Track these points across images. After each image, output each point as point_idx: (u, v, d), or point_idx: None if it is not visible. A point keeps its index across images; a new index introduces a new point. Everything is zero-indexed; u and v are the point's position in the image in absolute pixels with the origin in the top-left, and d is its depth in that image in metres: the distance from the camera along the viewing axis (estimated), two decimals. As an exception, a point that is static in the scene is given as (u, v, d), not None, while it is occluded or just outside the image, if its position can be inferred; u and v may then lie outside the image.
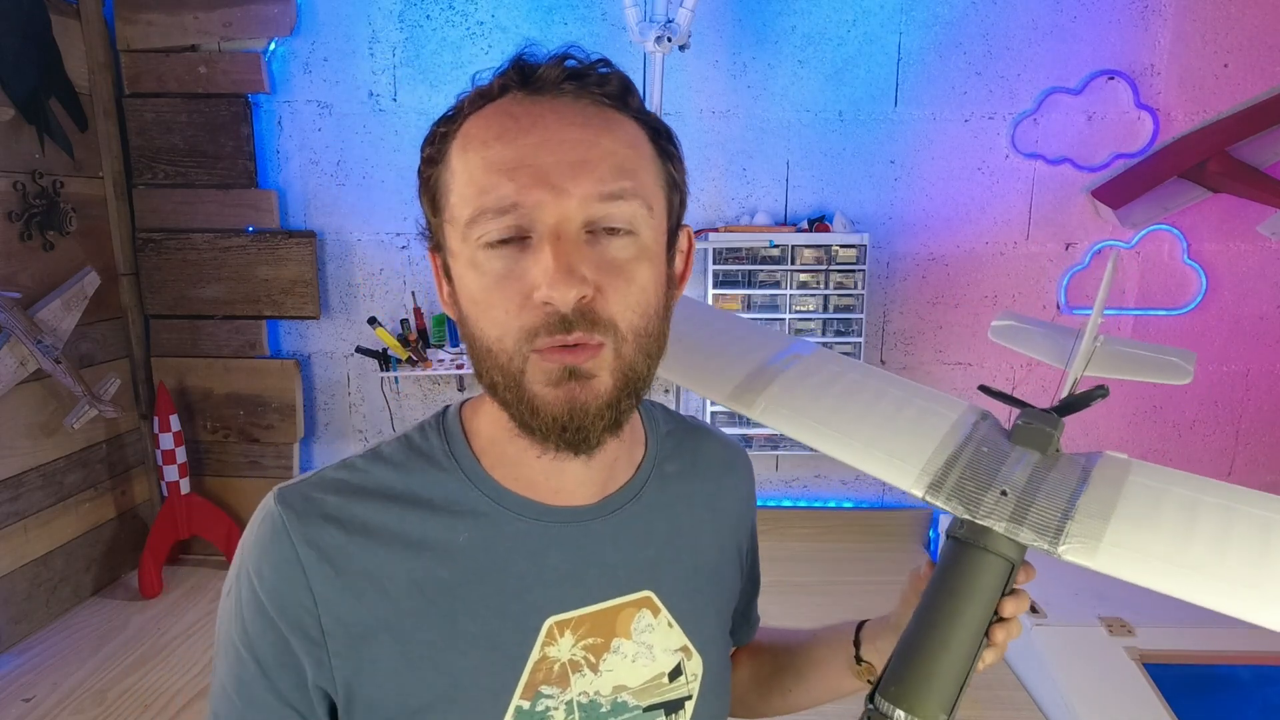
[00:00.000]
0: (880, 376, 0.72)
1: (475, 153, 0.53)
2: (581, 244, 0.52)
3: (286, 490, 0.59)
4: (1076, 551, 0.55)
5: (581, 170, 0.52)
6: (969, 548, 0.59)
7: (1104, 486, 0.59)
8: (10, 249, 1.78)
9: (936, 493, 0.60)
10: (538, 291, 0.51)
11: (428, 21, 2.11)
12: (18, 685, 1.61)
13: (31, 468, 1.84)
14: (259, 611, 0.56)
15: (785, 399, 0.67)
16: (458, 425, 0.63)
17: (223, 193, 2.13)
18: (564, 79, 0.54)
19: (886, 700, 0.58)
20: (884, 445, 0.63)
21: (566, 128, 0.53)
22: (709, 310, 0.84)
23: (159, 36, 2.06)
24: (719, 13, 2.10)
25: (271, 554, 0.57)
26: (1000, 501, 0.58)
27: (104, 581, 2.05)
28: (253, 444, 2.22)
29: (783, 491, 2.34)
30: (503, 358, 0.53)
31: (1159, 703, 1.39)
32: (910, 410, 0.67)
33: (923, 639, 0.59)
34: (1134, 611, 1.63)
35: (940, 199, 2.18)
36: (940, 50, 2.10)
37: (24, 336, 1.73)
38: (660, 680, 0.63)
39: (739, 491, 0.75)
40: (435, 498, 0.59)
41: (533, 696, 0.58)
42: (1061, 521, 0.56)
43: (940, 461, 0.61)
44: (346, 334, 2.26)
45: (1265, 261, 2.17)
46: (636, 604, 0.63)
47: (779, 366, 0.70)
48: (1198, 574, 0.52)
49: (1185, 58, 2.08)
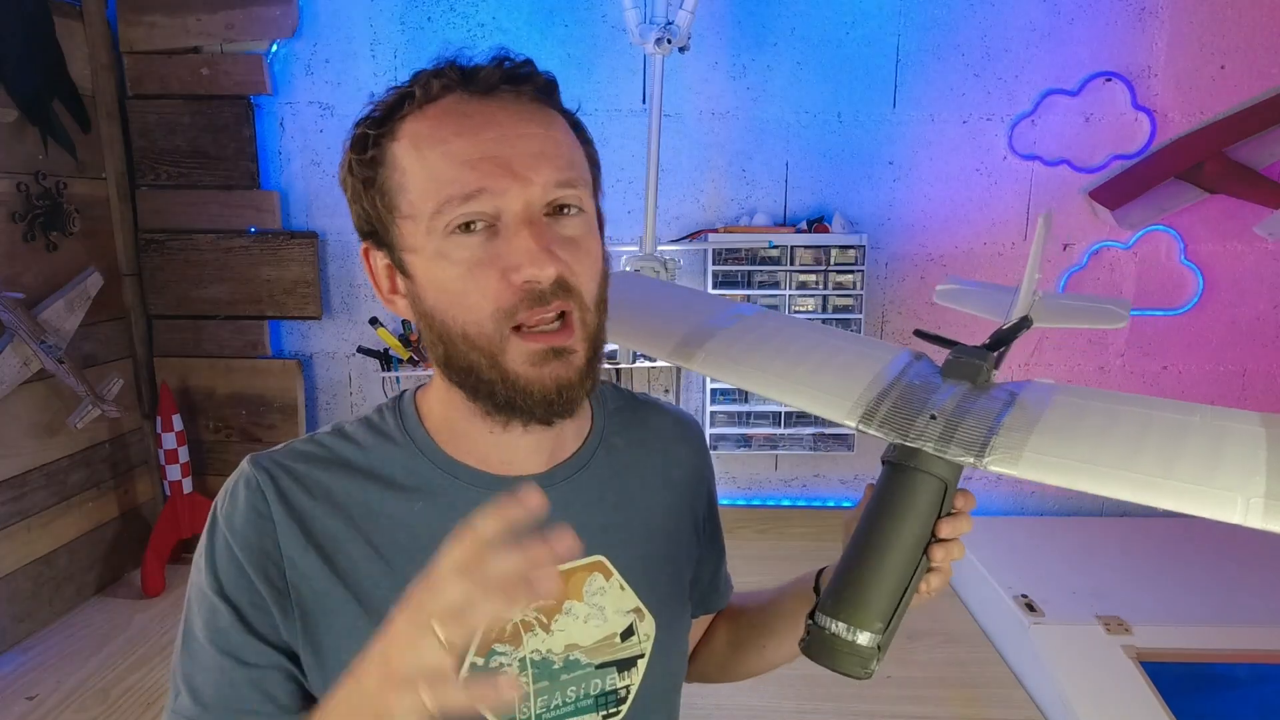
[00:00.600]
0: (820, 329, 0.75)
1: (432, 149, 0.57)
2: (548, 225, 0.58)
3: (259, 456, 0.64)
4: (999, 462, 0.57)
5: (541, 160, 0.57)
6: (900, 468, 0.62)
7: (1029, 406, 0.62)
8: (14, 250, 1.78)
9: (869, 422, 0.62)
10: (517, 272, 0.55)
11: (429, 24, 2.11)
12: (21, 683, 1.61)
13: (34, 467, 1.84)
14: (232, 560, 0.60)
15: (724, 350, 0.70)
16: (412, 407, 0.68)
17: (225, 194, 2.14)
18: (504, 80, 0.59)
19: (825, 614, 0.60)
20: (818, 384, 0.66)
21: (520, 123, 0.58)
22: (657, 283, 0.89)
23: (162, 38, 2.06)
24: (719, 15, 2.10)
25: (244, 509, 0.61)
26: (929, 425, 0.61)
27: (107, 580, 2.05)
28: (255, 444, 2.22)
29: (782, 491, 2.35)
30: (481, 340, 0.57)
31: (1156, 701, 1.39)
32: (845, 355, 0.70)
33: (857, 555, 0.61)
34: (1131, 610, 1.63)
35: (938, 200, 2.18)
36: (938, 52, 2.11)
37: (27, 337, 1.73)
38: (612, 640, 0.67)
39: (691, 461, 0.78)
40: (393, 472, 0.64)
41: (486, 654, 0.62)
42: (986, 437, 0.59)
43: (873, 395, 0.64)
44: (348, 334, 2.26)
45: (1262, 262, 2.18)
46: (588, 568, 0.66)
47: (720, 324, 0.73)
48: (1112, 472, 0.55)
49: (1182, 59, 2.08)
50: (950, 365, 0.68)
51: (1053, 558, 1.88)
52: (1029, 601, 1.67)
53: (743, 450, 2.22)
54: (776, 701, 1.49)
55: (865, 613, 0.59)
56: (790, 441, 2.21)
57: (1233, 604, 1.69)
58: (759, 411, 2.19)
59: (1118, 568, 1.84)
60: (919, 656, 1.64)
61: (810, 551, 2.16)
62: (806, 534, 2.24)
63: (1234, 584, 1.77)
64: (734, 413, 2.20)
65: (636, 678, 0.68)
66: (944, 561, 0.62)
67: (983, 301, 0.97)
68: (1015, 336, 0.71)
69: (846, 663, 0.59)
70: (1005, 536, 1.99)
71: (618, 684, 0.67)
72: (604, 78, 2.13)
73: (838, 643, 0.59)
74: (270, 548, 0.60)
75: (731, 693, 1.48)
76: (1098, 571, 1.82)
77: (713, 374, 0.70)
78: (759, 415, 2.19)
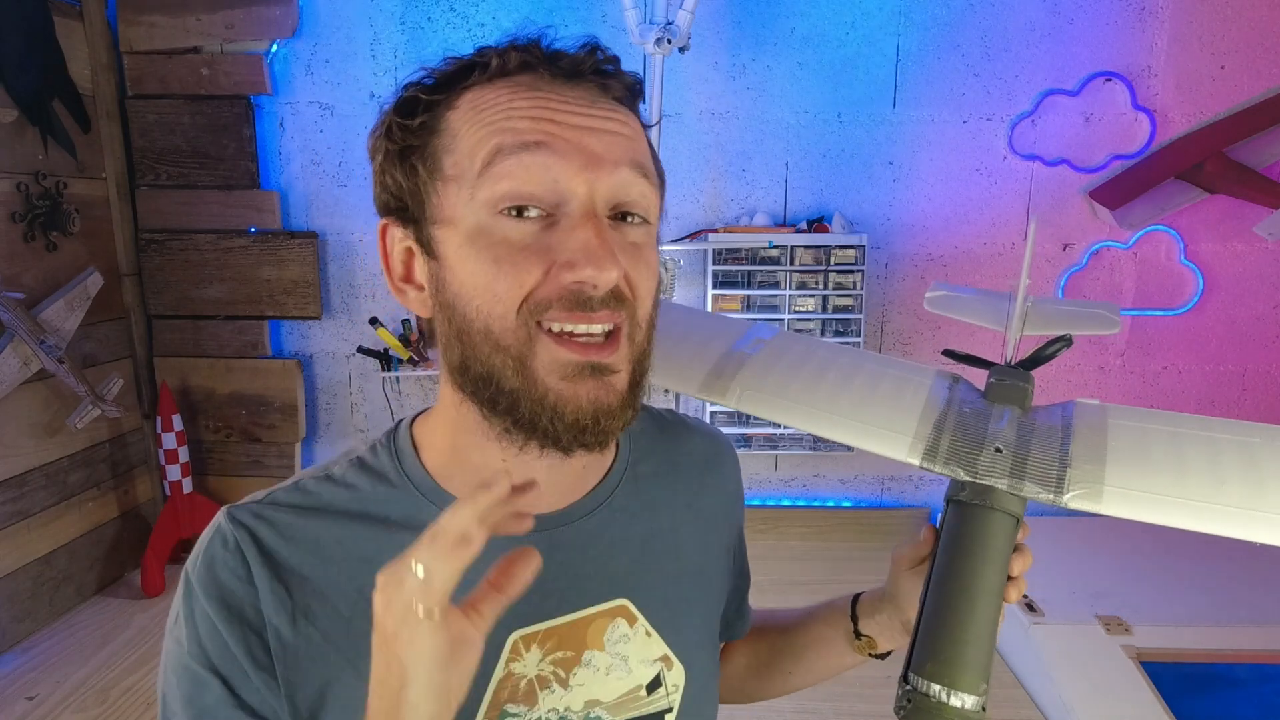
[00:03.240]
0: (848, 352, 0.71)
1: (493, 108, 0.50)
2: (609, 226, 0.50)
3: (236, 508, 0.56)
4: (1081, 499, 0.55)
5: (618, 142, 0.51)
6: (976, 509, 0.57)
7: (1088, 432, 0.59)
8: (14, 250, 1.78)
9: (933, 459, 0.58)
10: (571, 270, 0.47)
11: (429, 23, 2.11)
12: (21, 684, 1.61)
13: (35, 467, 1.84)
14: (213, 631, 0.52)
15: (758, 383, 0.66)
16: (408, 442, 0.60)
17: (225, 194, 2.13)
18: (593, 69, 0.52)
19: (924, 678, 0.54)
20: (869, 418, 0.62)
21: (600, 112, 0.51)
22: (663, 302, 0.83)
23: (161, 38, 2.06)
24: (718, 15, 2.10)
25: (224, 568, 0.53)
26: (997, 459, 0.57)
27: (107, 580, 2.05)
28: (255, 443, 2.22)
29: (781, 491, 2.34)
30: (506, 338, 0.49)
31: (1156, 701, 1.39)
32: (886, 382, 0.66)
33: (948, 608, 0.56)
34: (1131, 610, 1.63)
35: (938, 200, 2.18)
36: (938, 52, 2.10)
37: (27, 337, 1.73)
38: (637, 693, 0.60)
39: (724, 488, 0.71)
40: (389, 515, 0.56)
41: (498, 715, 0.55)
42: (1061, 470, 0.56)
43: (928, 427, 0.60)
44: (348, 334, 2.26)
45: (1262, 262, 2.17)
46: (610, 613, 0.59)
47: (745, 351, 0.69)
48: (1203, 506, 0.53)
49: (1182, 59, 2.08)
50: (994, 389, 0.65)
51: (1053, 558, 1.88)
52: (1029, 601, 1.67)
53: (742, 450, 2.22)
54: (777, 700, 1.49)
55: (968, 673, 0.54)
56: (790, 442, 2.20)
57: (1233, 604, 1.68)
58: (759, 411, 2.18)
59: (1118, 568, 1.84)
60: (919, 656, 1.64)
61: (809, 551, 2.16)
62: (806, 533, 2.24)
63: (1234, 584, 1.77)
64: (733, 413, 2.19)
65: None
66: (1015, 600, 0.58)
67: (975, 309, 0.95)
68: (1054, 355, 0.68)
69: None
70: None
71: None
72: (604, 78, 2.12)
73: (946, 711, 0.53)
74: (252, 616, 0.53)
75: (731, 693, 1.48)
76: (1098, 572, 1.82)
77: (752, 410, 0.64)
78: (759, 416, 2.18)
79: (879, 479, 2.33)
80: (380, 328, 2.05)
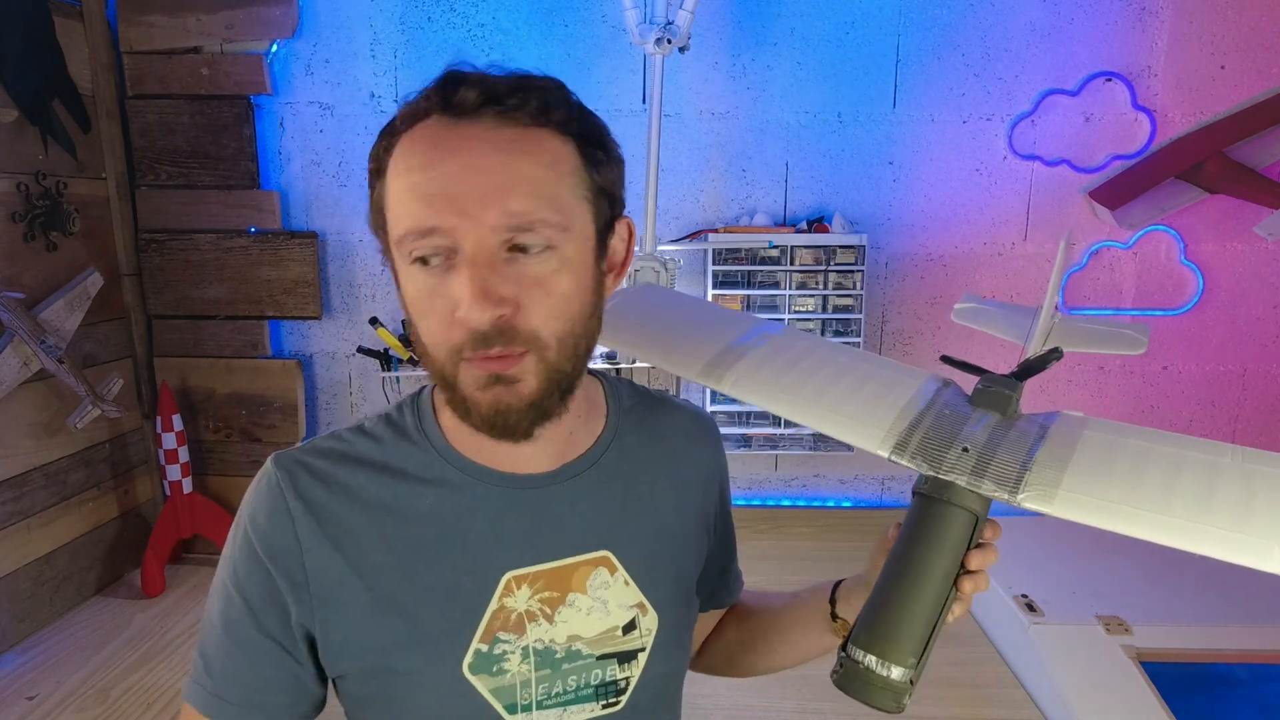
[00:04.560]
0: (849, 352, 0.74)
1: (402, 177, 0.57)
2: (500, 263, 0.56)
3: (282, 455, 0.66)
4: (1034, 499, 0.58)
5: (495, 197, 0.54)
6: (934, 502, 0.62)
7: (1061, 441, 0.62)
8: (14, 249, 1.78)
9: (901, 452, 0.62)
10: (457, 311, 0.55)
11: (429, 24, 2.11)
12: (21, 684, 1.61)
13: (34, 467, 1.84)
14: (250, 555, 0.64)
15: (754, 373, 0.70)
16: (429, 405, 0.69)
17: (225, 194, 2.13)
18: (482, 104, 0.56)
19: (858, 648, 0.60)
20: (849, 411, 0.66)
21: (484, 154, 0.55)
22: (679, 296, 0.89)
23: (161, 38, 2.06)
24: (718, 15, 2.10)
25: (265, 506, 0.64)
26: (962, 457, 0.61)
27: (107, 580, 2.05)
28: (255, 443, 2.22)
29: (782, 491, 2.35)
30: (438, 363, 0.59)
31: (1156, 701, 1.39)
32: (875, 381, 0.69)
33: (892, 589, 0.61)
34: (1131, 610, 1.63)
35: (938, 200, 2.18)
36: (938, 52, 2.10)
37: (27, 337, 1.73)
38: (614, 633, 0.68)
39: (705, 460, 0.79)
40: (407, 467, 0.66)
41: (490, 640, 0.64)
42: (1020, 473, 0.59)
43: (904, 424, 0.64)
44: (348, 334, 2.26)
45: (1262, 262, 2.17)
46: (593, 562, 0.68)
47: (749, 344, 0.73)
48: (1147, 515, 0.55)
49: (1182, 59, 2.08)
50: (979, 394, 0.68)
51: (1053, 558, 1.88)
52: (1029, 601, 1.67)
53: (743, 450, 2.22)
54: (777, 701, 1.49)
55: (899, 647, 0.59)
56: (790, 442, 2.20)
57: (1232, 604, 1.68)
58: (759, 412, 2.18)
59: (1118, 568, 1.84)
60: (919, 656, 1.64)
61: (810, 550, 2.16)
62: (806, 533, 2.24)
63: (1233, 584, 1.77)
64: (734, 413, 2.19)
65: (636, 670, 0.69)
66: (972, 593, 0.63)
67: (1001, 322, 0.96)
68: (1045, 367, 0.71)
69: (879, 697, 0.59)
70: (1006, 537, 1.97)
71: (618, 675, 0.68)
72: (604, 78, 2.12)
73: (871, 676, 0.59)
74: (289, 541, 0.63)
75: (730, 692, 1.48)
76: (1098, 572, 1.82)
77: (742, 396, 0.69)
78: (759, 416, 2.19)
79: (879, 479, 2.34)
80: (380, 328, 2.05)
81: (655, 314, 0.79)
